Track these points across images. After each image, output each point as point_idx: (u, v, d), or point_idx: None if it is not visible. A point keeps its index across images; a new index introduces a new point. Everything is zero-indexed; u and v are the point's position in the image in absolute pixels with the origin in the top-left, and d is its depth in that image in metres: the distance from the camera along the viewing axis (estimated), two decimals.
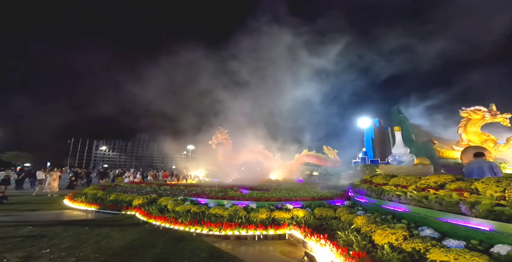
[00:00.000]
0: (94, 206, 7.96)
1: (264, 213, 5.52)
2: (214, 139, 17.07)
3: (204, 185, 12.52)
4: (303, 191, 8.36)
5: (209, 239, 4.89)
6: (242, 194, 7.81)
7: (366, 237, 3.58)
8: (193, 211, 5.95)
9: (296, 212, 5.68)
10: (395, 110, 20.75)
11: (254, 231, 5.05)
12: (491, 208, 2.73)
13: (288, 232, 5.15)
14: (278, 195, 7.46)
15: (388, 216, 4.26)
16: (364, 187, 6.13)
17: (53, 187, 12.06)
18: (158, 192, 9.89)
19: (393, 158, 9.82)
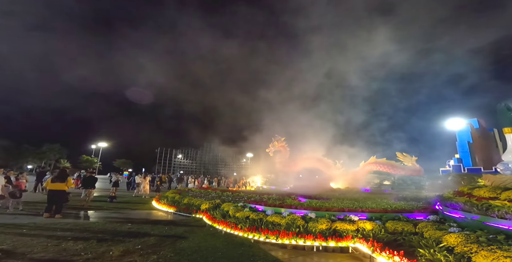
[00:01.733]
0: (172, 208, 9.16)
1: (324, 224, 5.13)
2: (271, 147, 17.28)
3: (262, 192, 12.64)
4: (371, 201, 7.26)
5: (266, 246, 4.85)
6: (300, 203, 7.44)
7: (462, 258, 2.70)
8: (252, 218, 6.04)
9: (362, 224, 5.04)
10: (503, 108, 15.80)
11: (312, 241, 4.73)
12: None
13: (352, 245, 4.58)
14: (341, 205, 6.73)
15: (499, 236, 3.12)
16: (460, 201, 4.84)
17: (146, 190, 14.75)
18: (222, 197, 10.55)
19: (505, 166, 7.41)
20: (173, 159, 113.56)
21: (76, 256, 3.93)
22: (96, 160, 48.96)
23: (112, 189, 12.13)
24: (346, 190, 12.34)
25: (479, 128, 15.88)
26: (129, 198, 13.22)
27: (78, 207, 9.01)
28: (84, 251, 4.15)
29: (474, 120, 16.28)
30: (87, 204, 9.42)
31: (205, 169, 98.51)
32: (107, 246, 4.55)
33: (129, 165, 79.23)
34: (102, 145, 38.48)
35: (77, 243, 4.65)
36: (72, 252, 4.12)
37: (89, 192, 9.65)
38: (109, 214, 8.01)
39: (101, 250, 4.25)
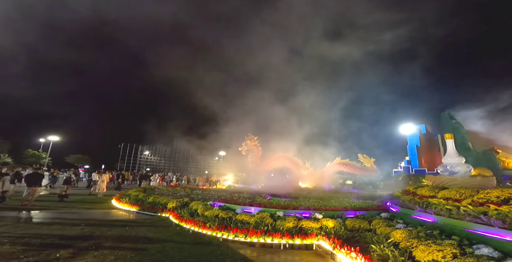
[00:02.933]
0: (135, 207, 8.64)
1: (291, 222, 5.35)
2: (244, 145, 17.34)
3: (233, 191, 12.66)
4: (335, 200, 7.81)
5: (234, 245, 4.89)
6: (269, 202, 7.65)
7: (405, 252, 3.12)
8: (221, 217, 6.03)
9: (325, 222, 5.36)
10: (446, 115, 18.30)
11: (280, 239, 4.91)
12: None
13: (316, 243, 4.86)
14: (307, 203, 7.11)
15: (434, 232, 3.66)
16: (406, 199, 5.47)
17: (102, 188, 13.57)
18: (191, 196, 10.28)
19: (444, 168, 8.59)
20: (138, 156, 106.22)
21: (14, 259, 3.48)
22: (45, 155, 43.20)
23: (62, 187, 11.02)
24: (313, 189, 13.04)
25: (426, 134, 18.15)
26: (84, 196, 12.11)
27: (19, 208, 7.96)
28: (24, 254, 3.69)
29: (422, 126, 18.56)
30: (30, 204, 8.37)
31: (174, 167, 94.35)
32: (54, 248, 4.10)
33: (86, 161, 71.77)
34: (53, 138, 34.06)
35: (15, 246, 4.10)
36: (8, 256, 3.63)
37: (33, 190, 8.59)
38: (57, 215, 7.24)
39: (45, 252, 3.82)
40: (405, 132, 18.40)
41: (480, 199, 3.49)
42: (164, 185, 17.61)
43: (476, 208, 3.29)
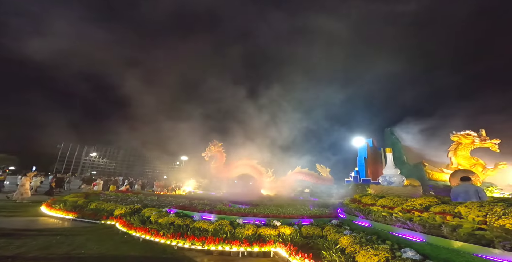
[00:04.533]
0: (72, 214, 7.58)
1: (250, 229, 5.40)
2: (207, 151, 16.95)
3: (193, 197, 12.22)
4: (293, 208, 8.20)
5: (191, 253, 4.73)
6: (229, 209, 7.63)
7: (350, 257, 3.48)
8: (177, 224, 5.79)
9: (283, 229, 5.57)
10: (388, 132, 21.15)
11: (238, 247, 4.90)
12: (472, 232, 2.73)
13: (274, 250, 4.99)
14: (267, 211, 7.30)
15: (373, 237, 4.18)
16: (353, 207, 6.08)
17: (21, 193, 11.36)
18: (144, 202, 9.60)
19: (384, 178, 9.87)
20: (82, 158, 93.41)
21: None
22: None
23: None
24: (275, 197, 13.45)
25: (372, 147, 20.61)
26: (5, 202, 10.19)
27: None
28: None
29: (369, 140, 21.05)
30: None
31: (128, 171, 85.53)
32: None
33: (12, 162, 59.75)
34: None
35: None
36: None
37: None
38: None
39: None
40: (356, 144, 20.58)
41: (408, 207, 4.10)
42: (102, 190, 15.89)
43: (404, 215, 3.90)
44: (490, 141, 15.26)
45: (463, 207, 3.15)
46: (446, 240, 3.03)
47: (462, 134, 16.02)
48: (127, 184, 20.98)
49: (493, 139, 15.27)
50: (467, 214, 3.00)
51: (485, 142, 15.43)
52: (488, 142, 15.32)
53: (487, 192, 11.64)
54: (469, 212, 2.99)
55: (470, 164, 15.63)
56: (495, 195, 11.71)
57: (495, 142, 15.15)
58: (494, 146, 15.15)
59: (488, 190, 12.47)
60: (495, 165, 15.56)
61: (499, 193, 12.57)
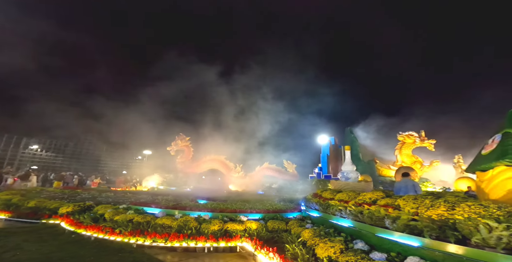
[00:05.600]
0: (5, 213, 6.78)
1: (216, 225, 5.44)
2: (173, 145, 16.21)
3: (156, 193, 11.70)
4: (259, 203, 8.47)
5: (152, 251, 4.61)
6: (195, 204, 7.56)
7: (310, 250, 3.80)
8: (136, 221, 5.55)
9: (249, 224, 5.72)
10: (348, 131, 23.09)
11: (204, 243, 4.93)
12: (407, 222, 3.23)
13: (240, 245, 5.12)
14: (234, 206, 7.41)
15: (330, 230, 4.62)
16: (314, 201, 6.56)
17: None
18: (98, 199, 9.00)
19: (342, 174, 10.84)
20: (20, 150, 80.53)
21: None
22: None
23: None
24: (243, 192, 13.64)
25: (334, 144, 22.32)
26: None
27: None
28: None
29: (332, 138, 22.73)
30: None
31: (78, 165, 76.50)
32: None
33: None
34: None
35: None
36: None
37: None
38: None
39: None
40: (321, 142, 22.02)
41: (360, 201, 4.60)
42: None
43: (356, 208, 4.39)
44: (428, 141, 17.95)
45: (402, 200, 3.67)
46: (388, 231, 3.52)
47: (406, 135, 18.48)
48: (77, 180, 18.92)
49: (430, 139, 18.00)
50: (404, 206, 3.52)
51: (423, 142, 18.08)
52: (426, 142, 18.00)
53: (423, 187, 13.70)
54: (406, 204, 3.51)
55: (411, 162, 18.14)
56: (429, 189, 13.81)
57: (431, 142, 17.88)
58: (431, 145, 17.88)
59: (424, 185, 14.66)
60: (430, 163, 18.38)
61: (432, 187, 14.91)
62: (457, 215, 2.53)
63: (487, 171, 3.12)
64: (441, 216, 2.74)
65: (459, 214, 2.51)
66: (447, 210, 2.70)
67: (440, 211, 2.76)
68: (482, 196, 3.17)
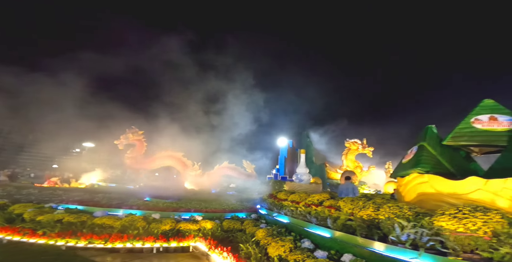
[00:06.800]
0: None
1: (168, 224, 5.32)
2: (123, 139, 14.69)
3: (96, 191, 10.55)
4: (216, 202, 8.48)
5: (87, 253, 4.33)
6: (145, 203, 7.18)
7: (263, 249, 4.03)
8: (67, 221, 5.15)
9: (204, 223, 5.73)
10: (305, 134, 24.82)
11: (152, 243, 4.76)
12: (345, 222, 3.75)
13: (193, 244, 5.11)
14: (189, 205, 7.26)
15: (282, 229, 4.98)
16: (270, 201, 6.95)
17: None
18: (15, 197, 8.04)
19: (296, 176, 11.69)
20: None
21: None
22: None
23: None
24: (200, 191, 13.33)
25: (292, 147, 23.71)
26: None
27: None
28: None
29: (290, 141, 24.10)
30: None
31: None
32: None
33: None
34: None
35: None
36: None
37: None
38: None
39: None
40: (280, 144, 23.13)
41: (309, 202, 5.06)
42: None
43: (306, 209, 4.86)
44: (368, 148, 20.75)
45: (342, 202, 4.20)
46: (329, 230, 3.99)
47: (352, 142, 20.97)
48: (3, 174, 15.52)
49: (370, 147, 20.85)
50: (344, 207, 4.08)
51: (364, 149, 20.84)
52: (366, 149, 20.77)
53: (361, 189, 15.74)
54: (345, 205, 4.05)
55: (354, 166, 20.65)
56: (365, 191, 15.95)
57: (370, 149, 20.73)
58: (370, 152, 20.72)
59: (362, 187, 16.84)
60: (368, 168, 21.26)
61: (368, 189, 17.24)
62: (381, 215, 3.11)
63: (405, 177, 3.86)
64: (369, 216, 3.31)
65: (382, 214, 3.09)
66: (374, 211, 3.28)
67: (369, 212, 3.33)
68: (400, 198, 3.93)
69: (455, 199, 2.89)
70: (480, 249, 2.22)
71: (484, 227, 2.17)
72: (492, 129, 3.43)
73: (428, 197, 3.23)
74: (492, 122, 3.47)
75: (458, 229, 2.27)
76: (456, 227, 2.29)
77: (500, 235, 2.12)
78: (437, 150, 3.71)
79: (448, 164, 3.58)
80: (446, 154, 3.70)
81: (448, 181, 3.11)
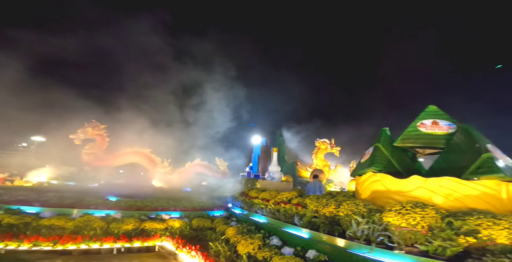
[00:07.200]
0: None
1: (131, 224, 5.12)
2: (80, 133, 13.38)
3: (46, 190, 9.56)
4: (186, 200, 8.27)
5: (32, 256, 4.08)
6: (104, 202, 6.76)
7: (233, 247, 4.08)
8: (7, 223, 4.73)
9: (172, 222, 5.63)
10: (278, 133, 25.42)
11: (112, 243, 4.58)
12: (310, 219, 3.97)
13: (159, 244, 5.03)
14: (155, 204, 6.99)
15: (252, 227, 5.09)
16: (241, 199, 7.02)
17: None
18: None
19: (268, 174, 11.98)
20: None
21: None
22: None
23: None
24: (169, 189, 12.87)
25: (265, 145, 24.11)
26: None
27: None
28: None
29: (264, 139, 24.49)
30: None
31: None
32: None
33: None
34: None
35: None
36: None
37: None
38: None
39: None
40: (254, 142, 23.36)
41: (278, 199, 5.24)
42: None
43: (275, 206, 5.03)
44: (335, 148, 22.10)
45: (308, 200, 4.42)
46: (296, 227, 4.17)
47: (321, 141, 22.12)
48: None
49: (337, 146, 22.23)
50: (310, 205, 4.32)
51: (332, 149, 22.15)
52: (334, 148, 22.10)
53: (328, 187, 16.71)
54: (311, 203, 4.29)
55: (323, 165, 21.85)
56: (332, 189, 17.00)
57: (337, 149, 22.10)
58: (337, 152, 22.09)
59: (329, 185, 17.91)
60: (335, 167, 22.68)
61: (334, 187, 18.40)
62: (341, 212, 3.39)
63: (362, 176, 4.16)
64: (331, 213, 3.58)
65: (342, 211, 3.37)
66: (336, 208, 3.56)
67: (331, 209, 3.60)
68: (358, 195, 4.31)
69: (401, 196, 3.26)
70: (418, 242, 2.56)
71: (422, 222, 2.52)
72: (434, 132, 3.87)
73: (380, 195, 3.58)
74: (434, 126, 3.90)
75: (402, 224, 2.60)
76: (400, 222, 2.61)
77: (434, 229, 2.49)
78: (389, 151, 4.06)
79: (397, 164, 3.95)
80: (396, 155, 4.08)
81: (396, 180, 3.46)
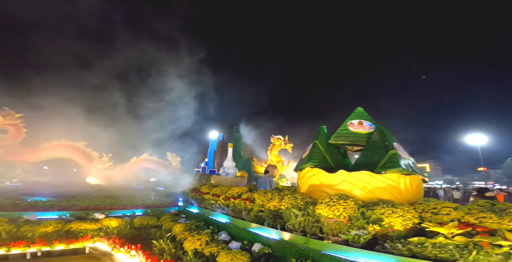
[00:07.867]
0: None
1: (51, 225, 4.63)
2: None
3: None
4: (127, 198, 7.57)
5: None
6: (13, 203, 5.71)
7: (179, 244, 3.96)
8: None
9: (107, 222, 5.20)
10: (235, 129, 25.45)
11: (24, 248, 4.09)
12: (257, 213, 4.16)
13: (91, 245, 4.63)
14: (86, 203, 6.24)
15: (201, 223, 5.03)
16: (191, 196, 6.82)
17: None
18: None
19: (223, 170, 11.97)
20: None
21: None
22: None
23: None
24: (109, 186, 11.57)
25: (222, 141, 23.83)
26: None
27: None
28: None
29: (221, 134, 24.19)
30: None
31: None
32: None
33: None
34: None
35: None
36: None
37: None
38: None
39: None
40: (212, 137, 22.84)
41: (229, 195, 5.23)
42: None
43: (225, 202, 5.07)
44: (288, 144, 23.47)
45: (256, 194, 4.57)
46: (244, 222, 4.30)
47: (276, 138, 23.19)
48: None
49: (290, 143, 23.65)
50: (257, 199, 4.50)
51: (285, 145, 23.47)
52: (287, 145, 23.45)
53: (280, 182, 17.65)
54: (259, 198, 4.45)
55: (277, 161, 22.97)
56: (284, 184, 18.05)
57: (290, 145, 23.54)
58: (290, 148, 23.51)
59: (281, 180, 18.95)
60: (288, 162, 24.13)
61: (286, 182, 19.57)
62: (282, 205, 3.66)
63: (302, 171, 4.43)
64: (275, 207, 3.82)
65: (283, 205, 3.65)
66: (279, 201, 3.81)
67: (275, 203, 3.85)
68: (298, 189, 4.67)
69: (330, 189, 3.66)
70: (341, 232, 2.94)
71: (344, 212, 2.93)
72: (359, 131, 4.45)
73: (315, 188, 3.95)
74: (359, 126, 4.48)
75: (329, 215, 2.97)
76: (328, 214, 2.98)
77: (352, 219, 2.92)
78: (324, 148, 4.49)
79: (330, 160, 4.42)
80: (330, 151, 4.53)
81: (327, 174, 3.85)
